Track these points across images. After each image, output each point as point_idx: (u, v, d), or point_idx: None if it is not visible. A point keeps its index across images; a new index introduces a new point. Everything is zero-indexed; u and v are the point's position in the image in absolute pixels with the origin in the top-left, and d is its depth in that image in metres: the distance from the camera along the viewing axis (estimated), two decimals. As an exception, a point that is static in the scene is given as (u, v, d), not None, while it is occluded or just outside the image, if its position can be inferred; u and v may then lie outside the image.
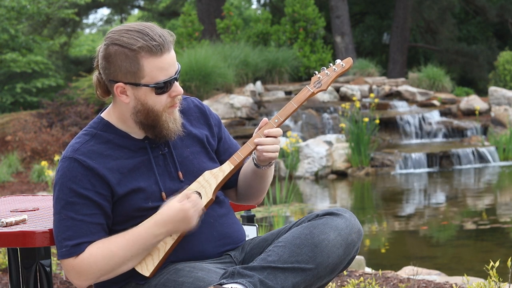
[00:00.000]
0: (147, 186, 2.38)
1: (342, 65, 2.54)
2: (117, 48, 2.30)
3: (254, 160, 2.50)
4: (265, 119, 2.47)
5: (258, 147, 2.43)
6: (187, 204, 2.30)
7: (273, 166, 2.55)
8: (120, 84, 2.33)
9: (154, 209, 2.36)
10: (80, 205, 2.30)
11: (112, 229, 2.37)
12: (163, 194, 2.38)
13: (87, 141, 2.38)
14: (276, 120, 2.46)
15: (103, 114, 2.46)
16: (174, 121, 2.39)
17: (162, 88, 2.33)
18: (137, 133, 2.43)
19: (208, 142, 2.55)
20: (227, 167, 2.45)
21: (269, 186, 2.67)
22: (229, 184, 2.61)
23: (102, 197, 2.33)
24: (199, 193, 2.40)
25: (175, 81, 2.36)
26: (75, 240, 2.29)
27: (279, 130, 2.45)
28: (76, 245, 2.29)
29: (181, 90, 2.37)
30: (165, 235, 2.32)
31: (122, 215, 2.37)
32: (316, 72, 2.55)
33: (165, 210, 2.31)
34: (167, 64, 2.33)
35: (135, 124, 2.39)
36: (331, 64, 2.56)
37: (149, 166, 2.41)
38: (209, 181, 2.42)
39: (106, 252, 2.29)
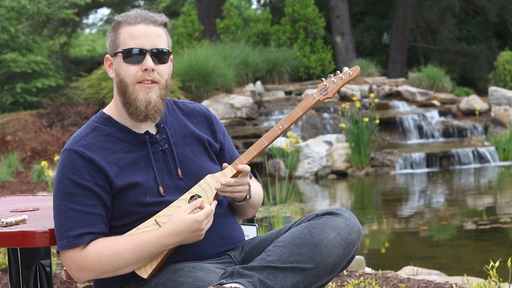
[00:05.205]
0: (145, 181, 2.38)
1: (349, 73, 2.55)
2: (112, 25, 2.44)
3: (229, 198, 2.52)
4: (224, 164, 2.47)
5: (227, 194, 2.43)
6: (201, 215, 2.30)
7: (252, 198, 2.55)
8: (107, 56, 2.45)
9: (153, 204, 2.36)
10: (80, 196, 2.31)
11: (111, 225, 2.37)
12: (161, 189, 2.39)
13: (87, 133, 2.40)
14: (281, 127, 2.47)
15: (105, 109, 2.50)
16: (144, 102, 2.37)
17: (128, 54, 2.36)
18: (138, 127, 2.44)
19: (209, 144, 2.55)
20: (229, 172, 2.44)
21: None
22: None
23: (102, 188, 2.33)
24: (200, 197, 2.39)
25: (149, 56, 2.37)
26: (76, 231, 2.29)
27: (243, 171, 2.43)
28: (77, 236, 2.29)
29: (151, 64, 2.37)
30: (175, 246, 2.32)
31: (120, 209, 2.37)
32: (323, 79, 2.55)
33: (177, 221, 2.30)
34: (139, 33, 2.38)
35: (122, 106, 2.41)
36: (338, 72, 2.57)
37: (147, 161, 2.41)
38: (211, 184, 2.42)
39: (112, 252, 2.29)
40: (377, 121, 12.16)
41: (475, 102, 14.35)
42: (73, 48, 26.12)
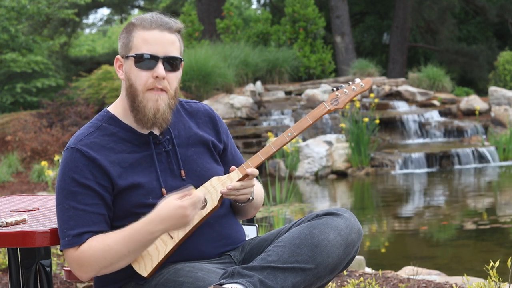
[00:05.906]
0: (148, 182, 2.38)
1: (362, 85, 2.57)
2: (126, 25, 2.43)
3: (232, 200, 2.52)
4: (232, 167, 2.46)
5: (231, 197, 2.43)
6: (186, 201, 2.26)
7: (255, 199, 2.56)
8: (118, 56, 2.44)
9: (155, 205, 2.35)
10: (81, 195, 2.31)
11: (112, 225, 2.37)
12: (164, 190, 2.38)
13: (91, 132, 2.40)
14: (290, 134, 2.47)
15: (109, 108, 2.49)
16: (153, 110, 2.37)
17: (140, 59, 2.35)
18: (142, 128, 2.43)
19: (213, 145, 2.55)
20: (235, 175, 2.44)
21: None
22: None
23: (103, 188, 2.33)
24: (204, 199, 2.39)
25: (161, 63, 2.36)
26: (76, 230, 2.29)
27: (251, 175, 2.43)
28: (77, 234, 2.29)
29: (162, 72, 2.35)
30: (162, 232, 2.28)
31: (122, 210, 2.37)
32: (334, 89, 2.56)
33: (162, 206, 2.28)
34: (153, 39, 2.37)
35: (130, 110, 2.41)
36: (350, 83, 2.59)
37: (151, 162, 2.41)
38: (216, 187, 2.41)
39: (104, 246, 2.28)
40: (377, 121, 12.16)
41: (475, 102, 14.35)
42: (73, 48, 26.12)
